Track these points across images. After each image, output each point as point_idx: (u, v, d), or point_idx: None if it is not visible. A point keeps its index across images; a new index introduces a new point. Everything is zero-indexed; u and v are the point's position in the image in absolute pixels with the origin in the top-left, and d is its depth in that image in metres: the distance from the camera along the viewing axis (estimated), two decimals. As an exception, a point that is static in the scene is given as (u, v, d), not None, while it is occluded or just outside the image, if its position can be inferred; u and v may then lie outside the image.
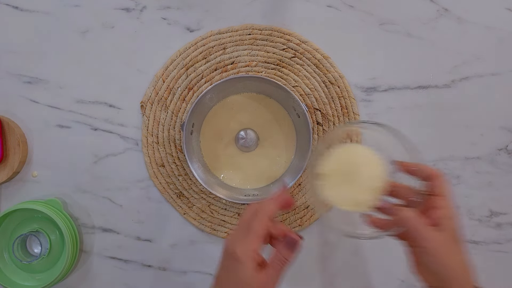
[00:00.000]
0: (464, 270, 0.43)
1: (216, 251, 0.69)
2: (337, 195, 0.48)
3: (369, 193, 0.47)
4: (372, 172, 0.47)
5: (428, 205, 0.45)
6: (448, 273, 0.42)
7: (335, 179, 0.49)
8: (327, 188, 0.49)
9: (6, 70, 0.69)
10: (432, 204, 0.44)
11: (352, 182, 0.48)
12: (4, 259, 0.67)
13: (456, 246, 0.43)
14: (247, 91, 0.67)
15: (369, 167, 0.48)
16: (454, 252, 0.43)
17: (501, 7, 0.68)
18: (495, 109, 0.68)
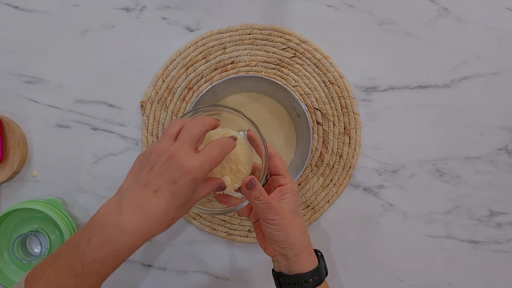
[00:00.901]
0: (303, 236, 0.49)
1: (217, 250, 0.69)
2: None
3: (234, 176, 0.49)
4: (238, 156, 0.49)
5: (274, 182, 0.50)
6: (291, 240, 0.48)
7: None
8: None
9: (6, 70, 0.69)
10: (276, 181, 0.50)
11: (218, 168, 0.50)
12: (4, 259, 0.67)
13: (296, 216, 0.49)
14: (247, 90, 0.67)
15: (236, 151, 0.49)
16: (294, 221, 0.48)
17: (501, 7, 0.68)
18: (495, 109, 0.68)
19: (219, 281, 0.69)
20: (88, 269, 0.39)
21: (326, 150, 0.68)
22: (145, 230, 0.40)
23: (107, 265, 0.40)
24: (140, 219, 0.39)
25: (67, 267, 0.39)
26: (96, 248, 0.39)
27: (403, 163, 0.68)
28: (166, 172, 0.41)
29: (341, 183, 0.68)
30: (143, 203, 0.40)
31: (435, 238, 0.69)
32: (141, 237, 0.40)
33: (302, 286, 0.48)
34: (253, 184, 0.46)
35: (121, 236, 0.39)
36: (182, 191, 0.41)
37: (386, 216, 0.69)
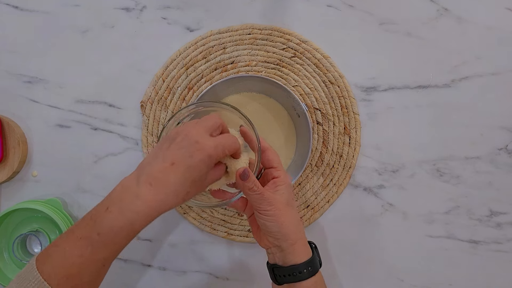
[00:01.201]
0: (297, 228, 0.50)
1: (217, 250, 0.69)
2: None
3: (229, 172, 0.51)
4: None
5: (268, 175, 0.51)
6: (284, 230, 0.48)
7: None
8: None
9: (6, 70, 0.69)
10: (270, 174, 0.51)
11: None
12: (4, 259, 0.67)
13: (290, 208, 0.50)
14: (247, 90, 0.67)
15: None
16: (288, 213, 0.49)
17: (501, 7, 0.68)
18: (495, 109, 0.68)
19: (219, 281, 0.69)
20: (104, 237, 0.40)
21: (326, 150, 0.68)
22: (162, 201, 0.41)
23: (122, 234, 0.40)
24: (157, 189, 0.41)
25: (83, 238, 0.40)
26: (113, 216, 0.40)
27: (403, 163, 0.68)
28: (183, 147, 0.43)
29: (341, 183, 0.68)
30: (161, 175, 0.42)
31: (435, 238, 0.69)
32: (157, 208, 0.41)
33: (297, 277, 0.48)
34: (247, 174, 0.47)
35: (138, 205, 0.40)
36: (198, 166, 0.43)
37: (386, 216, 0.69)
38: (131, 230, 0.41)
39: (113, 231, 0.40)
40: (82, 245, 0.40)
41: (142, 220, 0.41)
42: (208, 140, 0.44)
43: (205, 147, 0.43)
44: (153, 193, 0.41)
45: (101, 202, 0.42)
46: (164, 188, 0.41)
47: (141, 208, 0.40)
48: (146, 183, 0.41)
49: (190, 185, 0.43)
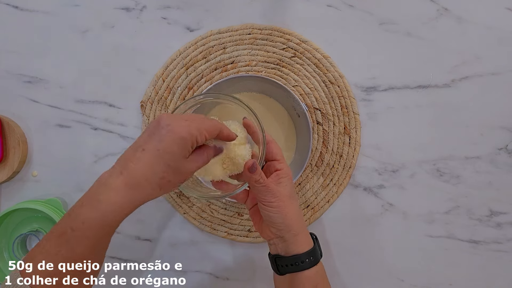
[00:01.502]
0: (299, 219, 0.51)
1: (217, 250, 0.69)
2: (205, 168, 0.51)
3: (231, 163, 0.51)
4: (237, 146, 0.51)
5: (270, 168, 0.52)
6: (288, 221, 0.49)
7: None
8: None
9: (6, 70, 0.69)
10: (273, 167, 0.51)
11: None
12: (4, 259, 0.67)
13: (293, 200, 0.51)
14: (247, 90, 0.67)
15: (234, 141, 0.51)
16: (291, 204, 0.50)
17: (501, 7, 0.68)
18: (495, 109, 0.68)
19: (219, 281, 0.69)
20: (77, 232, 0.39)
21: (326, 150, 0.68)
22: (133, 188, 0.39)
23: (95, 227, 0.39)
24: (128, 177, 0.39)
25: (61, 234, 0.39)
26: (86, 210, 0.39)
27: (403, 163, 0.68)
28: (154, 133, 0.41)
29: (341, 183, 0.68)
30: (130, 162, 0.40)
31: (435, 238, 0.69)
32: (129, 196, 0.39)
33: (299, 266, 0.49)
34: (255, 167, 0.48)
35: (110, 195, 0.39)
36: (169, 148, 0.41)
37: (386, 216, 0.69)
38: (105, 223, 0.39)
39: (85, 224, 0.38)
40: (58, 243, 0.39)
41: (115, 211, 0.39)
42: (181, 122, 0.42)
43: (175, 128, 0.41)
44: (124, 181, 0.39)
45: (79, 199, 0.41)
46: (135, 175, 0.40)
47: (112, 198, 0.39)
48: (117, 172, 0.40)
49: (165, 170, 0.41)
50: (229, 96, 0.51)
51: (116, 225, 0.40)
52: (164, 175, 0.41)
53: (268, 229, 0.51)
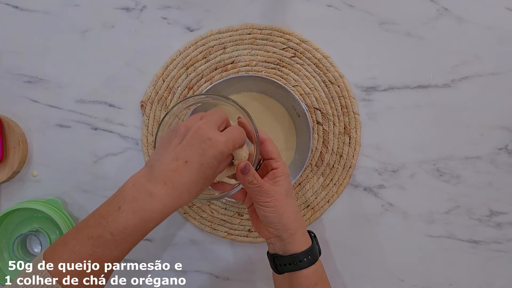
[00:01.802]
0: (297, 218, 0.50)
1: (217, 250, 0.69)
2: None
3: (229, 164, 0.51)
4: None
5: (267, 166, 0.51)
6: (284, 221, 0.49)
7: None
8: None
9: (6, 70, 0.69)
10: (269, 165, 0.51)
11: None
12: (4, 259, 0.67)
13: (289, 198, 0.50)
14: (247, 90, 0.67)
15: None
16: (288, 203, 0.50)
17: (501, 7, 0.68)
18: (495, 109, 0.68)
19: (219, 281, 0.69)
20: (117, 237, 0.40)
21: (326, 150, 0.68)
22: (176, 198, 0.41)
23: (136, 233, 0.41)
24: (172, 188, 0.41)
25: (95, 237, 0.40)
26: (127, 216, 0.40)
27: (403, 163, 0.68)
28: (195, 144, 0.42)
29: (341, 183, 0.68)
30: (175, 173, 0.41)
31: (435, 238, 0.69)
32: (172, 205, 0.41)
33: (297, 265, 0.49)
34: (247, 169, 0.47)
35: (153, 204, 0.41)
36: (211, 163, 0.42)
37: (386, 216, 0.69)
38: (145, 229, 0.41)
39: (127, 230, 0.40)
40: (94, 245, 0.40)
41: (157, 218, 0.41)
42: (220, 135, 0.43)
43: (217, 143, 0.42)
44: (168, 192, 0.41)
45: (111, 200, 0.41)
46: (179, 187, 0.41)
47: (156, 207, 0.40)
48: (160, 182, 0.41)
49: (203, 182, 0.43)
50: (221, 96, 0.51)
51: (153, 229, 0.43)
52: (203, 187, 0.43)
53: (265, 228, 0.51)
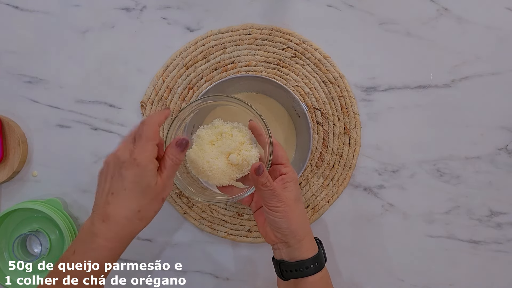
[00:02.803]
0: (305, 224, 0.51)
1: (217, 250, 0.69)
2: (209, 172, 0.52)
3: (236, 167, 0.52)
4: (244, 148, 0.52)
5: (275, 171, 0.51)
6: (293, 227, 0.49)
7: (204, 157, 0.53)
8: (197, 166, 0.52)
9: (6, 70, 0.69)
10: (278, 171, 0.51)
11: (221, 159, 0.52)
12: (4, 259, 0.67)
13: (298, 204, 0.51)
14: (247, 90, 0.67)
15: (238, 141, 0.52)
16: (297, 209, 0.50)
17: (501, 7, 0.68)
18: (495, 109, 0.68)
19: (219, 281, 0.69)
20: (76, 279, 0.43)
21: (326, 150, 0.68)
22: (116, 231, 0.44)
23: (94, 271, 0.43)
24: (109, 223, 0.43)
25: (57, 282, 0.43)
26: (80, 257, 0.43)
27: (403, 163, 0.68)
28: (115, 174, 0.44)
29: (341, 183, 0.68)
30: (107, 208, 0.44)
31: (435, 238, 0.69)
32: (117, 239, 0.44)
33: (304, 272, 0.49)
34: (262, 170, 0.47)
35: (99, 243, 0.43)
36: (133, 182, 0.43)
37: (386, 216, 0.69)
38: (99, 268, 0.44)
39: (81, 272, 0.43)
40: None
41: (106, 256, 0.44)
42: (127, 147, 0.44)
43: (126, 157, 0.43)
44: (109, 227, 0.43)
45: (69, 246, 0.45)
46: (116, 218, 0.43)
47: (101, 244, 0.43)
48: (99, 220, 0.44)
49: (138, 203, 0.44)
50: (235, 98, 0.51)
51: (109, 267, 0.45)
52: (140, 208, 0.44)
53: (272, 233, 0.51)
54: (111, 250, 0.44)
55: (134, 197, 0.44)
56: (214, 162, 0.51)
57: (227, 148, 0.51)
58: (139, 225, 0.45)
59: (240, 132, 0.51)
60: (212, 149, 0.52)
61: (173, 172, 0.47)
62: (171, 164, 0.46)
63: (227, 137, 0.53)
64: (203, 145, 0.53)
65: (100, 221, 0.44)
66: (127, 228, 0.44)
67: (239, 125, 0.53)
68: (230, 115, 0.65)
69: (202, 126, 0.56)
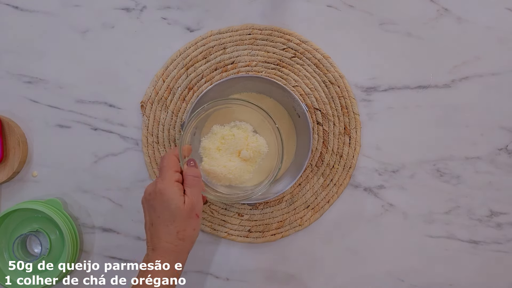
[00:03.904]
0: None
1: (217, 250, 0.69)
2: (229, 175, 0.56)
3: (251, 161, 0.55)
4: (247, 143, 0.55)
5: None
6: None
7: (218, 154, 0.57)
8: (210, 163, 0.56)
9: (6, 70, 0.69)
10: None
11: (234, 159, 0.56)
12: (4, 259, 0.67)
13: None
14: (247, 91, 0.67)
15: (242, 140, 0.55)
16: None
17: (501, 7, 0.68)
18: (495, 109, 0.68)
19: (219, 281, 0.69)
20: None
21: (326, 150, 0.68)
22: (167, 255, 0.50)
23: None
24: (157, 251, 0.50)
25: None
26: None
27: (403, 163, 0.68)
28: (148, 207, 0.51)
29: (341, 183, 0.68)
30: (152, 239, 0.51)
31: (435, 238, 0.69)
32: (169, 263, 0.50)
33: None
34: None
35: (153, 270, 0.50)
36: (162, 210, 0.49)
37: (386, 216, 0.69)
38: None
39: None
40: None
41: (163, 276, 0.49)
42: (152, 183, 0.51)
43: (152, 191, 0.50)
44: (157, 255, 0.50)
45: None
46: (160, 245, 0.50)
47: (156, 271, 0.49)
48: (149, 250, 0.51)
49: (175, 226, 0.49)
50: (244, 100, 0.53)
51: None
52: (178, 229, 0.49)
53: None
54: (165, 273, 0.49)
55: (169, 222, 0.49)
56: (230, 164, 0.53)
57: (235, 147, 0.53)
58: (183, 245, 0.50)
59: (240, 129, 0.53)
60: (222, 154, 0.54)
61: (197, 188, 0.51)
62: (192, 179, 0.51)
63: (230, 138, 0.54)
64: (212, 154, 0.56)
65: (151, 250, 0.50)
66: (173, 251, 0.49)
67: (236, 123, 0.54)
68: (227, 116, 0.65)
69: (204, 137, 0.57)
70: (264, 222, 0.68)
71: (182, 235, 0.49)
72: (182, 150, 0.53)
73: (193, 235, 0.51)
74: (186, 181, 0.51)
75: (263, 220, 0.68)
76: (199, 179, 0.52)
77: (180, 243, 0.49)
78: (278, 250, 0.69)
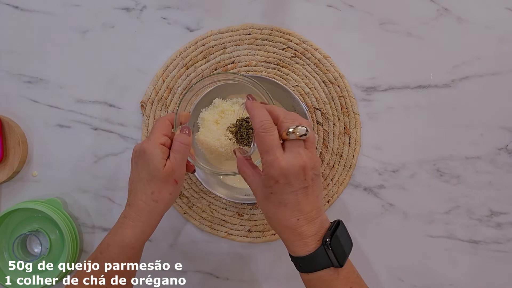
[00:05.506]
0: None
1: (217, 250, 0.69)
2: (221, 148, 0.56)
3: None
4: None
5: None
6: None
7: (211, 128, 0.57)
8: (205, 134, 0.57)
9: (6, 70, 0.69)
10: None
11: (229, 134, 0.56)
12: (4, 259, 0.67)
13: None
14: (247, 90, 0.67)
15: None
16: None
17: (501, 7, 0.68)
18: (495, 109, 0.68)
19: (219, 281, 0.69)
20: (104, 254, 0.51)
21: (326, 150, 0.68)
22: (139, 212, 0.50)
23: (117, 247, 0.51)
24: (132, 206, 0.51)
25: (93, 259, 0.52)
26: (110, 235, 0.52)
27: (403, 163, 0.68)
28: (132, 165, 0.52)
29: (341, 183, 0.68)
30: (130, 195, 0.52)
31: (435, 238, 0.69)
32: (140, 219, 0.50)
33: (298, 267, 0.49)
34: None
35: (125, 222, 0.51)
36: (143, 166, 0.50)
37: (386, 216, 0.69)
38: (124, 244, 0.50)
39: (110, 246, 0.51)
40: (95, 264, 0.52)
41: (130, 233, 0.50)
42: (138, 146, 0.51)
43: (137, 149, 0.50)
44: (131, 210, 0.50)
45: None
46: (135, 202, 0.50)
47: (126, 223, 0.50)
48: (127, 206, 0.51)
49: (150, 186, 0.49)
50: (245, 76, 0.53)
51: (137, 245, 0.51)
52: (152, 190, 0.50)
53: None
54: (134, 228, 0.50)
55: (146, 181, 0.49)
56: (223, 138, 0.54)
57: (232, 123, 0.54)
58: (155, 206, 0.50)
59: (240, 106, 0.53)
60: (219, 127, 0.55)
61: (182, 155, 0.50)
62: (178, 145, 0.50)
63: (230, 113, 0.55)
64: (209, 126, 0.57)
65: (128, 205, 0.51)
66: (145, 209, 0.50)
67: (238, 100, 0.56)
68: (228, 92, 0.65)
69: (204, 109, 0.58)
70: (264, 222, 0.68)
71: (156, 197, 0.50)
72: (179, 116, 0.53)
73: (169, 198, 0.51)
74: (173, 146, 0.51)
75: (263, 219, 0.68)
76: (186, 146, 0.50)
77: (152, 204, 0.50)
78: (278, 250, 0.69)
